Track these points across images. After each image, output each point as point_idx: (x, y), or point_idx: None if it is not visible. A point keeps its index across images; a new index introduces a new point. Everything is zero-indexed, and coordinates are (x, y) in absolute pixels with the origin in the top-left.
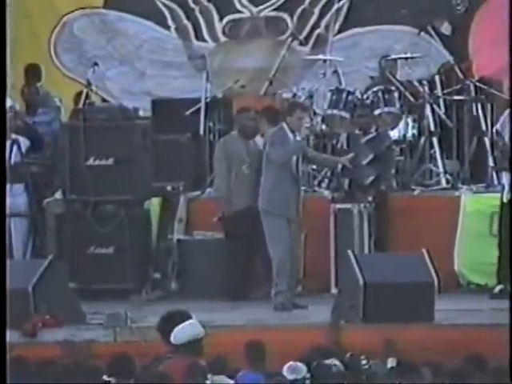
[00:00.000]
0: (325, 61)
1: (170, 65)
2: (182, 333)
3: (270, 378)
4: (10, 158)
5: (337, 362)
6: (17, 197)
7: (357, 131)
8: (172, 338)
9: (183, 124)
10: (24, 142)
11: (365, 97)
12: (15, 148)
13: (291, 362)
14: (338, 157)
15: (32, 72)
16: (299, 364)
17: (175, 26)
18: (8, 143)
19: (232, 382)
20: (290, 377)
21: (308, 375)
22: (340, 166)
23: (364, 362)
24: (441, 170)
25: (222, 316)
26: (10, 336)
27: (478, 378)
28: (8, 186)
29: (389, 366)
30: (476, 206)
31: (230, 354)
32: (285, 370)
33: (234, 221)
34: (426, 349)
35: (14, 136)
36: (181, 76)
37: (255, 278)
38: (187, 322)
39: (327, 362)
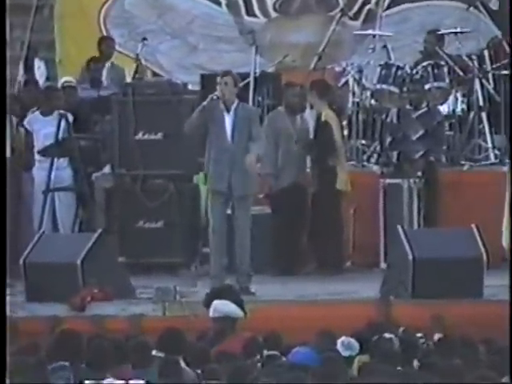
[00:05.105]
0: (374, 36)
1: (221, 39)
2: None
3: (320, 353)
4: (57, 132)
5: (393, 336)
6: (61, 171)
7: (408, 106)
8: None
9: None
10: (70, 117)
11: (414, 72)
12: (63, 122)
13: (344, 338)
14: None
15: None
16: (352, 340)
17: (226, 2)
18: (56, 117)
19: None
20: (345, 353)
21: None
22: (389, 140)
23: (422, 338)
24: (489, 145)
25: (271, 291)
26: (59, 310)
27: None
28: (55, 160)
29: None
30: None
31: (281, 329)
32: (339, 346)
33: (280, 197)
34: (474, 325)
35: (62, 111)
36: (233, 50)
37: (302, 253)
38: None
39: (387, 336)
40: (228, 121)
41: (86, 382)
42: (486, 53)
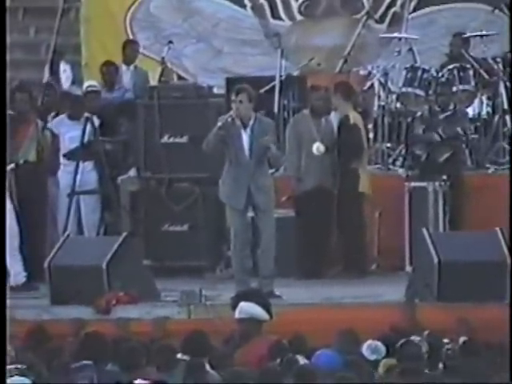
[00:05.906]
0: (400, 39)
1: (246, 43)
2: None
3: (344, 356)
4: (83, 135)
5: (420, 340)
6: (86, 174)
7: (436, 108)
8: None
9: (257, 102)
10: (95, 121)
11: (440, 75)
12: (89, 126)
13: (370, 341)
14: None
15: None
16: (379, 343)
17: (251, 5)
18: (81, 121)
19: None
20: (372, 357)
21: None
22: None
23: (448, 342)
24: None
25: (296, 294)
26: (84, 313)
27: None
28: (81, 163)
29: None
30: None
31: (306, 332)
32: (364, 349)
33: (304, 200)
34: (498, 328)
35: (88, 115)
36: (257, 53)
37: (327, 256)
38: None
39: (416, 340)
40: (245, 138)
41: None
42: (510, 56)
